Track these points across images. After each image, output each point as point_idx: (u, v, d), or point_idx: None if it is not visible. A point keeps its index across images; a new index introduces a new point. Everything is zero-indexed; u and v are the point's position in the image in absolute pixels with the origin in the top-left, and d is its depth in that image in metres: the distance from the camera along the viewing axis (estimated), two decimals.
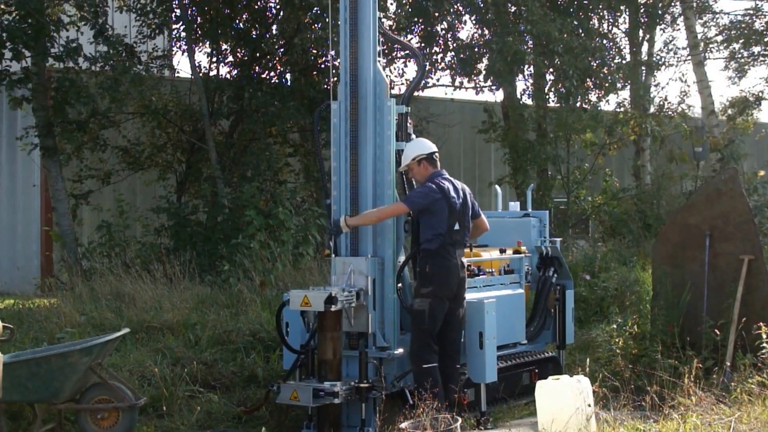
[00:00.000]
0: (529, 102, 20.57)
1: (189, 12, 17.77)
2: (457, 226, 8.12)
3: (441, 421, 6.79)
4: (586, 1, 20.08)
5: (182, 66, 54.04)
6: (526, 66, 19.49)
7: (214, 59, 18.41)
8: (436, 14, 19.25)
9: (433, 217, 8.05)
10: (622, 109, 22.15)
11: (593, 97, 20.02)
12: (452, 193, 8.16)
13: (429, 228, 8.07)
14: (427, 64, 19.18)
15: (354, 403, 7.93)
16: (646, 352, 9.50)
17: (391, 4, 18.96)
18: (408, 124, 8.52)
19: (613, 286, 13.13)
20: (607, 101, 20.74)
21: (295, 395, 7.80)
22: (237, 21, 18.15)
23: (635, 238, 18.76)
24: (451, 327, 8.12)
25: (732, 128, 24.70)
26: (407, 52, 18.84)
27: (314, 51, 18.13)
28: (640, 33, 22.97)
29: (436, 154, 8.34)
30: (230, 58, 18.53)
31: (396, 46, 18.36)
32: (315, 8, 16.80)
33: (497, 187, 11.53)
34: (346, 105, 8.42)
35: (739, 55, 27.91)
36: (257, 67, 18.27)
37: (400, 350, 8.23)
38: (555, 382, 7.43)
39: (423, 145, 8.34)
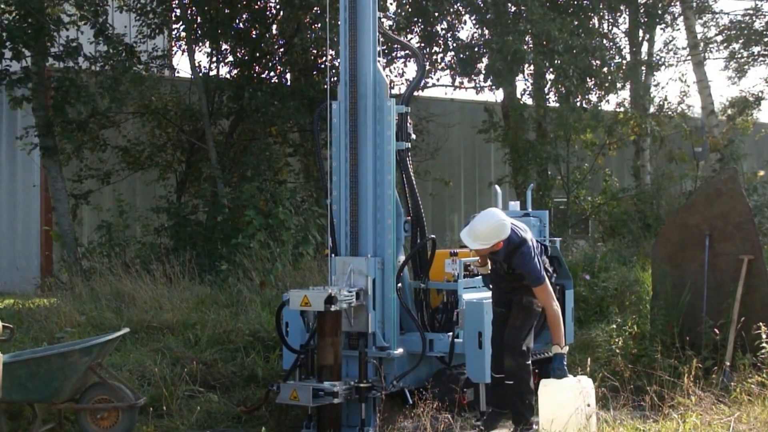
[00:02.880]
0: (529, 102, 20.57)
1: (189, 12, 17.78)
2: None
3: (441, 420, 6.78)
4: (586, 1, 20.08)
5: (182, 66, 53.95)
6: (526, 65, 19.49)
7: (214, 59, 18.42)
8: (436, 14, 19.24)
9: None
10: (622, 109, 22.15)
11: (593, 97, 20.02)
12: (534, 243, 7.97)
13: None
14: (427, 64, 19.18)
15: (354, 402, 7.94)
16: (645, 352, 9.50)
17: (391, 4, 18.96)
18: (408, 124, 8.52)
19: (613, 286, 13.11)
20: (607, 101, 20.78)
21: (294, 395, 7.80)
22: (237, 21, 18.15)
23: (635, 238, 18.75)
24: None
25: (732, 128, 24.69)
26: (407, 52, 18.84)
27: (314, 51, 18.16)
28: (640, 33, 22.96)
29: None
30: (230, 58, 18.55)
31: (396, 46, 18.36)
32: (315, 8, 16.80)
33: (497, 187, 11.51)
34: (346, 105, 8.42)
35: (739, 55, 27.91)
36: (257, 67, 18.28)
37: (400, 350, 8.24)
38: (557, 381, 7.44)
39: (499, 229, 7.66)
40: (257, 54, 18.27)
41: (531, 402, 7.55)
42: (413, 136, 8.63)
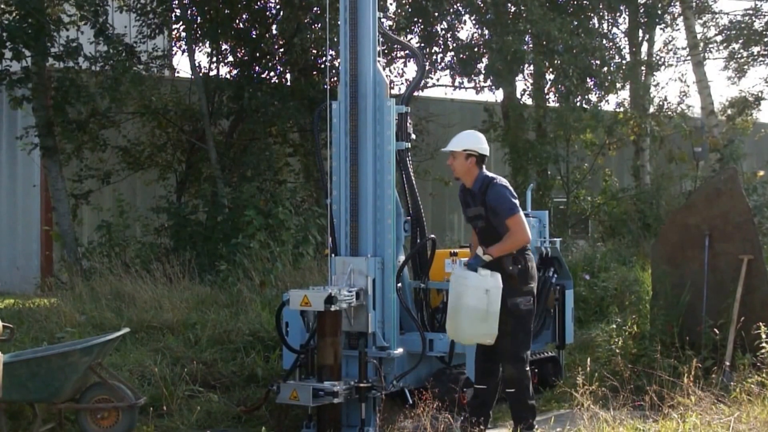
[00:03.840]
0: (529, 102, 20.58)
1: (189, 12, 17.77)
2: None
3: (441, 420, 6.79)
4: (586, 1, 20.08)
5: (182, 66, 54.09)
6: (526, 65, 19.49)
7: (214, 59, 18.42)
8: (436, 14, 19.24)
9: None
10: (621, 109, 22.15)
11: (593, 97, 20.02)
12: None
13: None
14: (427, 64, 19.18)
15: (354, 402, 7.94)
16: (645, 351, 9.50)
17: (391, 4, 18.97)
18: (408, 124, 8.52)
19: (613, 286, 13.14)
20: (607, 101, 20.77)
21: (294, 395, 7.80)
22: (237, 21, 18.15)
23: (635, 238, 18.77)
24: None
25: (731, 128, 24.71)
26: (407, 52, 18.84)
27: (314, 51, 18.15)
28: (640, 33, 22.97)
29: (487, 158, 7.71)
30: (230, 58, 18.54)
31: (396, 46, 18.37)
32: (315, 8, 16.81)
33: None
34: (346, 105, 8.42)
35: (739, 55, 27.91)
36: (257, 67, 18.27)
37: (400, 350, 8.24)
38: (461, 271, 7.29)
39: (479, 142, 7.60)
40: (257, 54, 18.27)
41: (533, 404, 7.51)
42: (413, 136, 8.64)
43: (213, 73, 18.34)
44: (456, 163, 7.59)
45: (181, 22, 18.08)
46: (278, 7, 18.45)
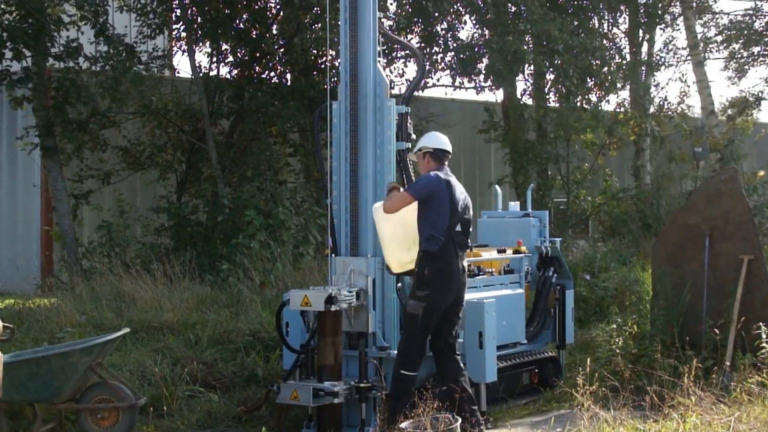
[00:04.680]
0: (530, 102, 20.58)
1: (189, 12, 17.78)
2: (459, 228, 7.76)
3: (441, 420, 6.79)
4: (586, 1, 20.08)
5: (182, 66, 54.07)
6: (526, 65, 19.49)
7: (214, 59, 18.43)
8: (436, 14, 19.25)
9: (434, 210, 7.63)
10: (622, 109, 22.15)
11: (593, 96, 20.03)
12: (456, 191, 7.84)
13: (429, 224, 7.61)
14: (427, 64, 19.18)
15: (354, 402, 7.94)
16: (645, 352, 9.50)
17: (391, 4, 18.98)
18: (408, 124, 8.52)
19: (613, 286, 13.13)
20: (607, 101, 20.78)
21: (295, 395, 7.81)
22: (237, 21, 18.15)
23: (635, 238, 18.77)
24: (448, 331, 7.83)
25: (732, 128, 24.69)
26: (407, 52, 18.84)
27: (314, 51, 18.16)
28: (640, 33, 22.97)
29: (446, 153, 7.97)
30: (230, 58, 18.55)
31: (396, 46, 18.37)
32: (315, 8, 16.82)
33: (497, 187, 11.54)
34: (346, 105, 8.42)
35: (739, 55, 27.92)
36: (257, 67, 18.28)
37: None
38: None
39: (431, 139, 8.05)
40: (257, 54, 18.27)
41: (396, 406, 7.46)
42: (413, 136, 8.63)
43: (213, 73, 18.36)
44: (417, 162, 8.16)
45: (181, 22, 18.10)
46: (278, 7, 18.45)
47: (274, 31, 18.65)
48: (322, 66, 17.81)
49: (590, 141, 21.52)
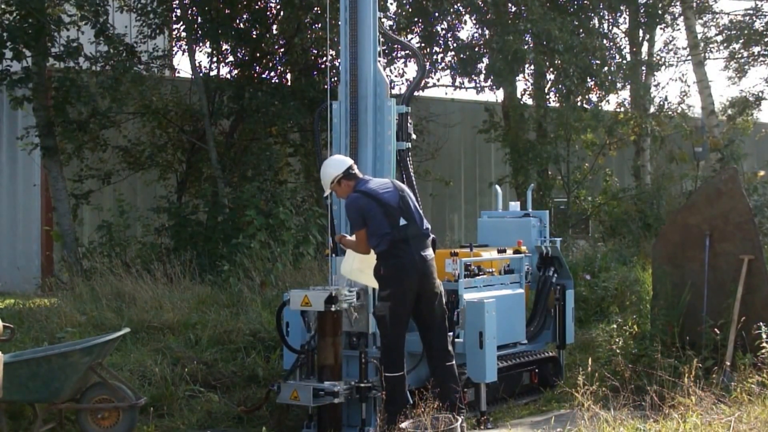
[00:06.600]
0: (530, 102, 20.58)
1: (189, 12, 17.79)
2: (403, 221, 7.61)
3: (441, 420, 6.79)
4: (586, 1, 20.09)
5: (182, 66, 54.10)
6: (527, 65, 19.49)
7: (215, 59, 18.43)
8: (436, 14, 19.24)
9: (372, 223, 7.57)
10: (622, 109, 22.15)
11: (593, 96, 20.03)
12: (381, 192, 7.66)
13: (373, 236, 7.58)
14: (427, 64, 19.18)
15: (354, 402, 7.94)
16: (646, 351, 9.49)
17: (391, 4, 18.96)
18: (408, 124, 8.52)
19: (613, 286, 13.13)
20: (608, 101, 20.79)
21: (295, 395, 7.81)
22: (237, 21, 18.15)
23: (635, 238, 18.76)
24: (431, 331, 7.76)
25: (732, 128, 24.70)
26: (407, 52, 18.84)
27: (314, 51, 18.16)
28: (640, 33, 22.97)
29: (352, 167, 7.82)
30: (230, 58, 18.55)
31: (396, 46, 18.37)
32: (315, 8, 16.82)
33: (497, 187, 11.55)
34: (347, 105, 8.43)
35: (739, 55, 27.91)
36: (257, 67, 18.28)
37: None
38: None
39: (336, 165, 7.83)
40: (257, 54, 18.28)
41: (392, 409, 7.39)
42: (413, 136, 8.63)
43: (213, 73, 18.36)
44: (338, 194, 7.95)
45: (181, 22, 18.10)
46: (278, 7, 18.45)
47: (274, 31, 18.65)
48: (322, 66, 17.81)
49: (590, 141, 21.54)
